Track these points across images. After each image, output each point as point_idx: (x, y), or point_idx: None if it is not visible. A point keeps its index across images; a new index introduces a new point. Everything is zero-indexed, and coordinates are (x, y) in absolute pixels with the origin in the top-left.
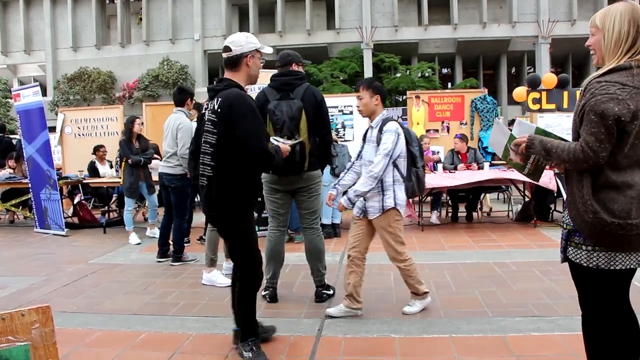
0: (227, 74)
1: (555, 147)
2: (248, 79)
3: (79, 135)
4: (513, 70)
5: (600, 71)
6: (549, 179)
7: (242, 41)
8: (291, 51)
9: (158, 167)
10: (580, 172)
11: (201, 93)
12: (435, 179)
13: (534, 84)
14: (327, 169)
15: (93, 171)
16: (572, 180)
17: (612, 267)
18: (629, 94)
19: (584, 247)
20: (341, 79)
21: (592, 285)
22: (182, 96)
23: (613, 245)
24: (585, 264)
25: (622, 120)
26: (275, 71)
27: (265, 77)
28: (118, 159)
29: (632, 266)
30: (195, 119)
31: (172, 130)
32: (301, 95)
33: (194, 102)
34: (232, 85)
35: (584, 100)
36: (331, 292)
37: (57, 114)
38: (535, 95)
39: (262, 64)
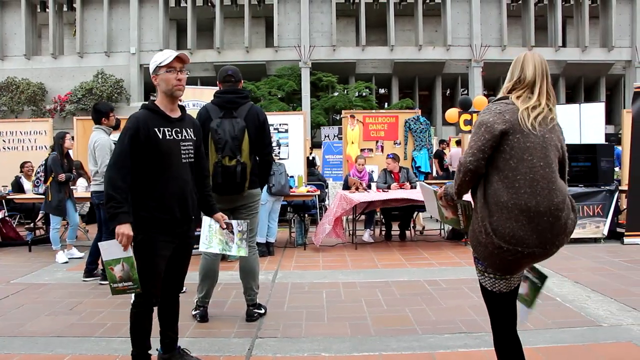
0: None
1: (454, 179)
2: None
3: (5, 148)
4: (448, 91)
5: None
6: None
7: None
8: (233, 67)
9: (82, 184)
10: (478, 191)
11: (136, 108)
12: (367, 196)
13: (466, 106)
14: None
15: (18, 187)
16: (475, 202)
17: (513, 289)
18: (509, 110)
19: (486, 274)
20: (279, 96)
21: (496, 306)
22: (97, 116)
23: (502, 269)
24: (489, 288)
25: (495, 127)
26: (216, 88)
27: (205, 95)
28: (41, 174)
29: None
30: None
31: (90, 149)
32: (245, 114)
33: (113, 118)
34: None
35: None
36: (262, 311)
37: None
38: (467, 116)
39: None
